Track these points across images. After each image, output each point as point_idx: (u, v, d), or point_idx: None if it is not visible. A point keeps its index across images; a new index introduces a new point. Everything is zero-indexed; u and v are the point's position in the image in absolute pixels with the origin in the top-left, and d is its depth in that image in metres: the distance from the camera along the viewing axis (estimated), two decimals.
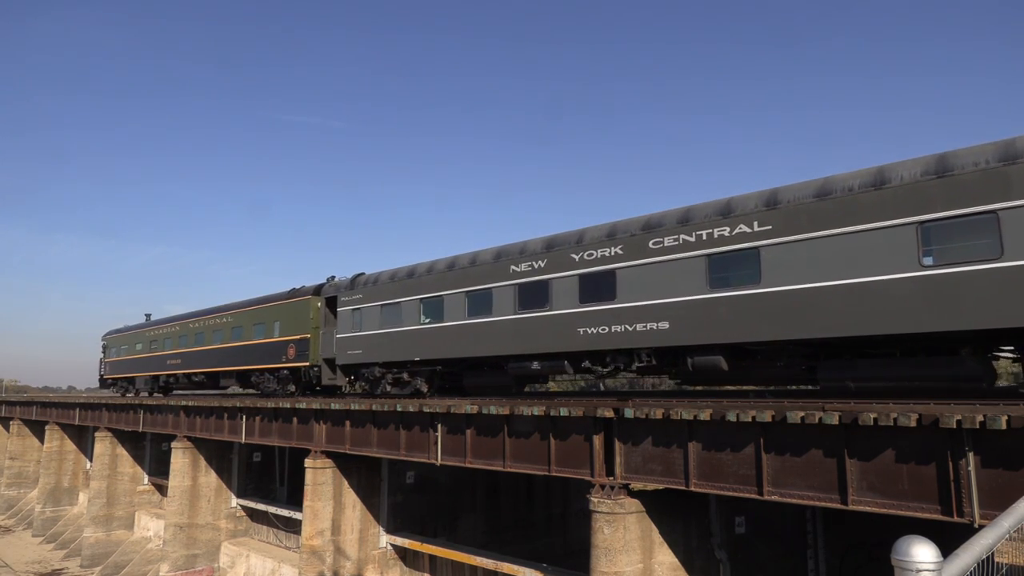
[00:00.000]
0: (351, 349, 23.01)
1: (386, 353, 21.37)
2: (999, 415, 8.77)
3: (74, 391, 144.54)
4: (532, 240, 17.73)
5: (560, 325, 16.21)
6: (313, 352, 25.07)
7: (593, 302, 15.58)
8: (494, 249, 18.65)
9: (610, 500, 13.39)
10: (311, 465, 22.20)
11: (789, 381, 14.54)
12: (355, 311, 23.11)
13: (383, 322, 21.65)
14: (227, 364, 30.72)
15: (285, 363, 26.51)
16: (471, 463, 16.81)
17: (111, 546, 36.66)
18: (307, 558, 21.92)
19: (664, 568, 13.88)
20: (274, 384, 27.58)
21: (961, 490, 9.36)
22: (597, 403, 14.36)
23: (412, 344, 20.30)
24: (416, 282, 20.61)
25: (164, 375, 37.24)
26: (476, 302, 18.54)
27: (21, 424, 53.45)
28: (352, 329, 23.11)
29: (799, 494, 11.04)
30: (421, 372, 20.65)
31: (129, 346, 41.67)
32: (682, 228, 14.21)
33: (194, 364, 33.69)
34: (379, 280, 22.31)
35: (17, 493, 52.92)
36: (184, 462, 29.83)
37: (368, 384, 22.83)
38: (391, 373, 21.64)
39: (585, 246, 15.96)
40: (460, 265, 19.24)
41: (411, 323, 20.52)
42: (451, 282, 19.35)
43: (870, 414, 9.86)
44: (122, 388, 43.35)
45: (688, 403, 13.22)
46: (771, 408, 11.25)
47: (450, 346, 19.04)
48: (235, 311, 30.71)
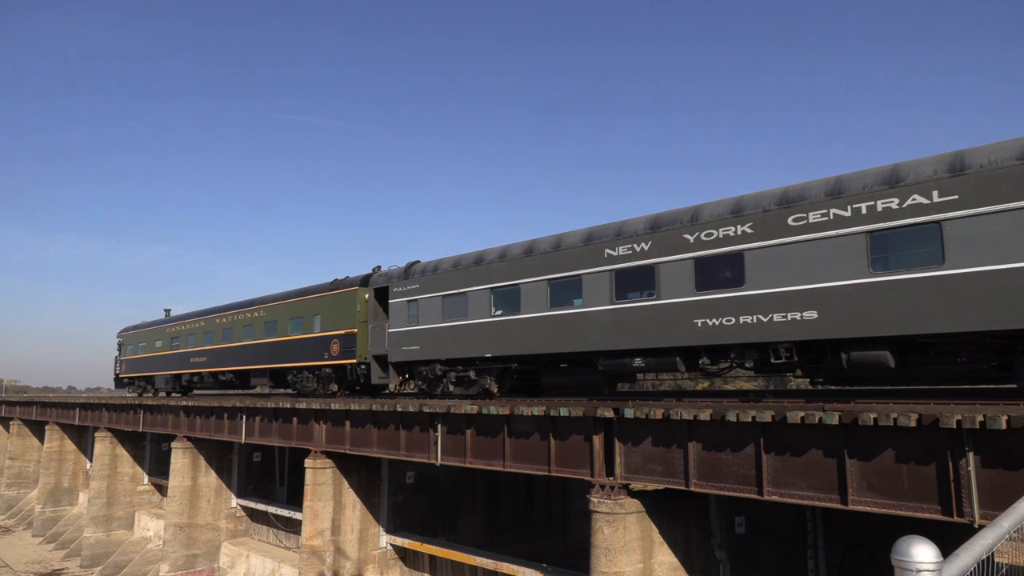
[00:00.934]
0: (406, 345, 20.87)
1: (449, 349, 19.32)
2: (999, 415, 8.77)
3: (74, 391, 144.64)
4: (631, 220, 15.64)
5: (670, 316, 14.24)
6: (360, 348, 22.82)
7: (714, 289, 13.59)
8: (582, 231, 16.63)
9: (610, 500, 13.39)
10: (311, 465, 22.20)
11: (973, 380, 12.64)
12: (410, 303, 20.93)
13: (445, 314, 19.59)
14: (259, 362, 28.47)
15: (327, 360, 24.24)
16: (471, 463, 16.80)
17: (111, 546, 36.65)
18: (307, 558, 21.91)
19: (664, 568, 13.87)
20: (313, 383, 25.51)
21: (961, 490, 9.35)
22: (597, 403, 14.36)
23: (481, 339, 18.27)
24: (485, 269, 18.45)
25: (187, 374, 34.86)
26: (561, 291, 16.57)
27: (21, 424, 53.44)
28: (407, 323, 20.96)
29: (799, 494, 11.03)
30: (490, 370, 18.57)
31: (147, 343, 39.26)
32: (833, 201, 12.18)
33: (221, 362, 31.38)
34: (439, 268, 20.15)
35: (17, 493, 52.91)
36: (184, 462, 29.82)
37: (426, 384, 20.68)
38: (454, 371, 19.51)
39: (702, 225, 13.89)
40: (540, 250, 17.20)
41: (480, 315, 18.46)
42: (529, 269, 17.31)
43: (870, 414, 9.86)
44: (139, 388, 41.05)
45: (688, 403, 13.22)
46: (771, 408, 11.25)
47: (528, 341, 17.06)
48: (268, 304, 28.44)
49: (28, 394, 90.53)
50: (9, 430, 54.33)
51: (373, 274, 23.76)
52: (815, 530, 16.88)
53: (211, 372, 32.49)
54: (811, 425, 10.62)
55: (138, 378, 40.99)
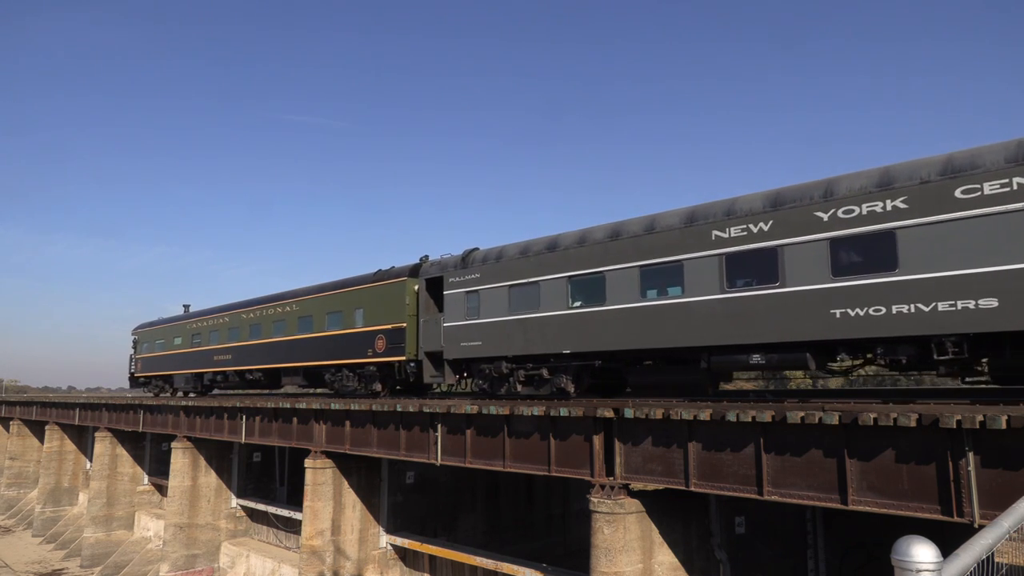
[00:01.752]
0: (465, 340, 19.06)
1: (517, 345, 17.49)
2: (999, 415, 8.78)
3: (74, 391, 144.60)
4: (743, 197, 13.87)
5: (800, 305, 12.50)
6: (410, 344, 21.00)
7: (856, 274, 11.90)
8: (680, 211, 14.83)
9: (610, 500, 13.39)
10: (311, 465, 22.20)
11: None
12: (469, 294, 19.07)
13: (512, 306, 17.74)
14: (292, 359, 26.63)
15: (371, 358, 22.34)
16: (471, 463, 16.80)
17: (111, 546, 36.65)
18: (307, 558, 21.91)
19: (664, 568, 13.87)
20: (354, 383, 23.72)
21: (961, 490, 9.35)
22: (597, 403, 14.36)
23: (557, 333, 16.53)
24: (561, 256, 16.67)
25: (211, 372, 32.89)
26: (656, 279, 14.79)
27: (21, 424, 53.44)
28: (466, 316, 19.09)
29: (799, 494, 11.03)
30: (567, 368, 16.81)
31: (166, 340, 37.18)
32: (1016, 168, 10.51)
33: (249, 360, 29.46)
34: (504, 256, 18.34)
35: (17, 493, 52.91)
36: (184, 462, 29.82)
37: (487, 383, 18.81)
38: (523, 369, 17.69)
39: (840, 201, 12.22)
40: (629, 233, 15.42)
41: (554, 307, 16.66)
42: (615, 255, 15.50)
43: (870, 414, 9.87)
44: (156, 387, 39.00)
45: (688, 403, 13.22)
46: (771, 408, 11.25)
47: (615, 335, 15.31)
48: (302, 298, 26.55)
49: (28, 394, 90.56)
50: (9, 430, 54.33)
51: (422, 264, 21.94)
52: (815, 530, 16.88)
53: (237, 371, 30.56)
54: (811, 425, 10.63)
55: (155, 377, 39.08)
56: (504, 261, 18.31)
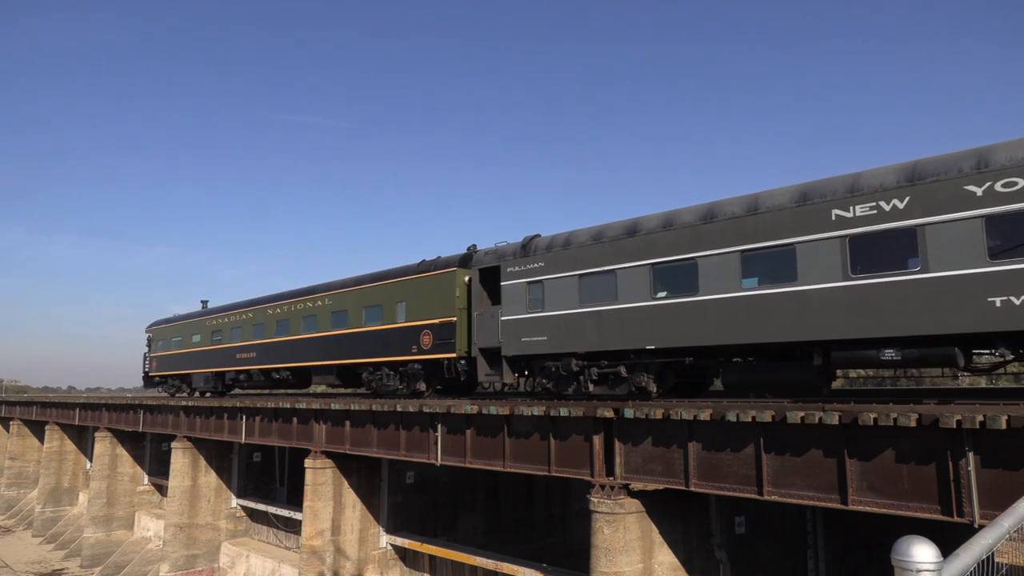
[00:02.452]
0: (527, 335, 17.50)
1: (590, 340, 15.99)
2: (999, 415, 8.78)
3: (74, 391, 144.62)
4: (870, 172, 12.39)
5: (946, 293, 11.11)
6: (460, 340, 19.38)
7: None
8: (791, 189, 13.24)
9: (610, 500, 13.39)
10: (311, 465, 22.21)
11: None
12: (532, 285, 17.54)
13: (583, 298, 16.23)
14: (323, 357, 24.96)
15: (416, 355, 20.71)
16: (471, 463, 16.81)
17: (111, 546, 36.66)
18: (307, 558, 21.92)
19: (664, 568, 13.88)
20: (395, 382, 21.97)
21: (961, 490, 9.35)
22: (597, 403, 14.38)
23: (638, 327, 15.00)
24: (643, 242, 15.13)
25: (232, 371, 31.18)
26: (761, 265, 13.31)
27: (21, 424, 53.46)
28: (528, 308, 17.54)
29: (799, 494, 11.03)
30: (648, 365, 15.26)
31: (183, 338, 35.50)
32: None
33: (275, 358, 27.72)
34: (572, 242, 16.83)
35: (17, 493, 52.93)
36: (184, 462, 29.84)
37: (552, 382, 17.24)
38: (596, 367, 16.14)
39: (997, 172, 10.76)
40: (726, 215, 13.86)
41: (635, 298, 15.10)
42: (709, 239, 14.00)
43: (870, 414, 9.87)
44: (172, 387, 37.30)
45: (688, 403, 13.24)
46: (771, 408, 11.26)
47: (709, 329, 13.78)
48: (336, 292, 24.91)
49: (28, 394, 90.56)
50: (9, 430, 54.35)
51: (473, 253, 20.34)
52: (815, 530, 16.88)
53: (262, 369, 28.82)
54: (811, 425, 10.63)
55: (171, 376, 37.29)
56: (573, 248, 16.73)
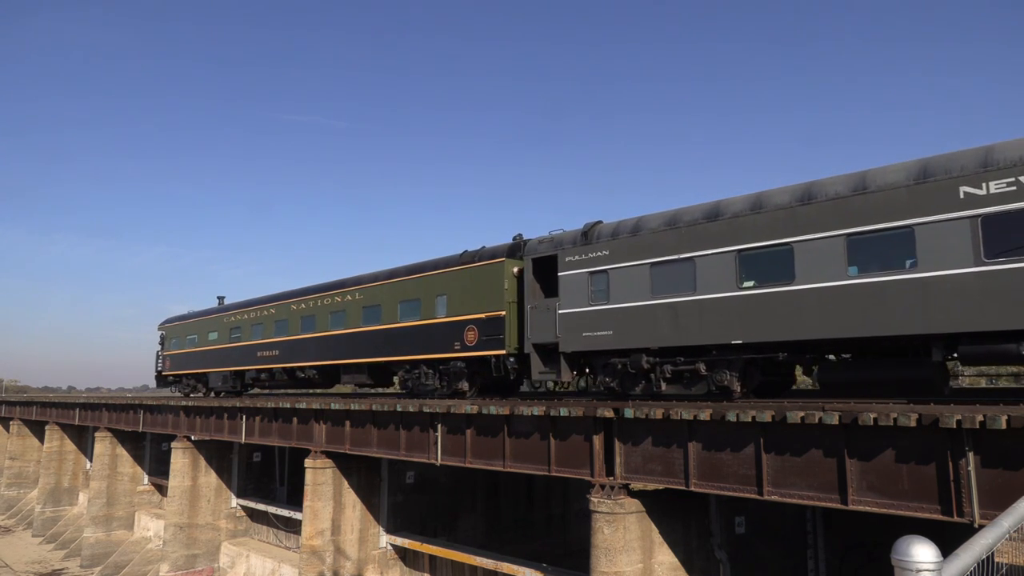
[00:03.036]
0: (589, 329, 16.19)
1: (664, 334, 14.73)
2: (999, 415, 8.78)
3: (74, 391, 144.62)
4: (1005, 144, 11.02)
5: None
6: (510, 336, 18.06)
7: None
8: (907, 165, 11.97)
9: (610, 500, 13.40)
10: (311, 465, 22.21)
11: None
12: (595, 275, 16.24)
13: (656, 288, 14.96)
14: (354, 355, 23.51)
15: (459, 352, 19.37)
16: (471, 463, 16.81)
17: (111, 546, 36.66)
18: (307, 558, 21.92)
19: (664, 568, 13.88)
20: (434, 381, 20.65)
21: (961, 490, 9.35)
22: (597, 403, 14.37)
23: (722, 319, 13.74)
24: (727, 226, 13.86)
25: (253, 370, 29.75)
26: (871, 250, 12.02)
27: (21, 424, 53.45)
28: (590, 300, 16.22)
29: (799, 494, 11.03)
30: (731, 361, 13.98)
31: (198, 335, 34.13)
32: None
33: (300, 356, 26.38)
34: (642, 228, 15.52)
35: (17, 493, 52.92)
36: (184, 462, 29.84)
37: (617, 380, 15.90)
38: (670, 363, 14.83)
39: None
40: (827, 195, 12.56)
41: (718, 288, 13.89)
42: (809, 222, 12.70)
43: (870, 414, 9.87)
44: (187, 386, 35.99)
45: (688, 403, 13.23)
46: (771, 408, 11.25)
47: (809, 321, 12.49)
48: (368, 285, 23.51)
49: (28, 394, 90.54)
50: (9, 430, 54.34)
51: (523, 242, 19.03)
52: (815, 530, 16.88)
53: (285, 368, 27.53)
54: (811, 425, 10.63)
55: (186, 375, 35.95)
56: (643, 235, 15.45)
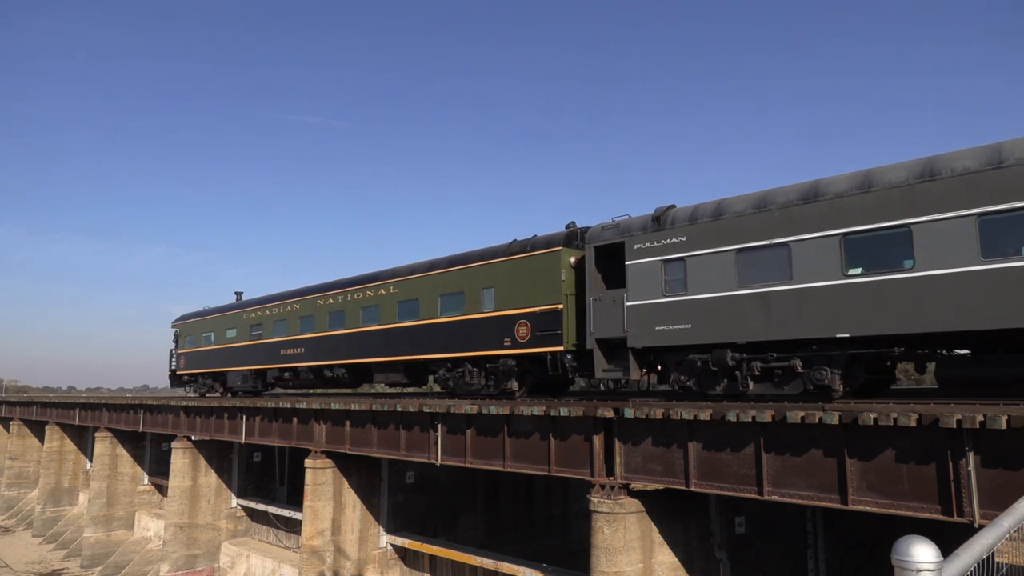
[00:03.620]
0: (664, 323, 14.90)
1: (753, 327, 13.43)
2: (999, 415, 8.78)
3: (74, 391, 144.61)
4: None
5: None
6: (568, 331, 16.82)
7: None
8: None
9: (610, 500, 13.40)
10: (311, 465, 22.22)
11: None
12: (671, 263, 14.93)
13: (744, 277, 13.65)
14: (388, 352, 22.10)
15: (509, 349, 18.03)
16: (471, 463, 16.81)
17: (111, 546, 36.66)
18: (307, 558, 21.92)
19: (664, 568, 13.88)
20: (479, 380, 19.27)
21: (961, 490, 9.35)
22: (597, 403, 14.37)
23: (825, 311, 12.43)
24: (830, 207, 12.55)
25: (276, 369, 28.34)
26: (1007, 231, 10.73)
27: (21, 424, 53.45)
28: (664, 291, 14.88)
29: (799, 494, 11.04)
30: (832, 358, 12.62)
31: (216, 333, 32.76)
32: None
33: (329, 353, 24.99)
34: (724, 211, 14.22)
35: (17, 493, 52.92)
36: (184, 462, 29.84)
37: (693, 378, 14.54)
38: (759, 360, 13.49)
39: None
40: (953, 170, 11.32)
41: (818, 276, 12.53)
42: (931, 201, 11.45)
43: (870, 414, 9.87)
44: (204, 386, 34.65)
45: (688, 403, 13.23)
46: (771, 408, 11.26)
47: (934, 312, 11.20)
48: (404, 279, 21.98)
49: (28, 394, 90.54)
50: (9, 430, 54.34)
51: (576, 230, 17.87)
52: (815, 530, 16.89)
53: (311, 366, 26.19)
54: (811, 425, 10.63)
55: (202, 375, 34.60)
56: (727, 219, 14.17)
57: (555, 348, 16.95)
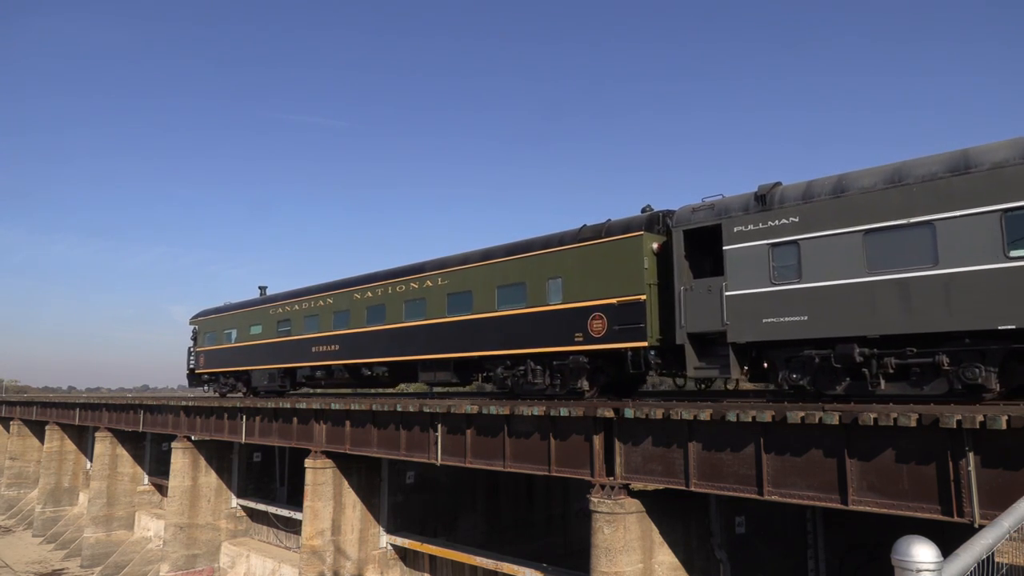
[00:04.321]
0: (772, 314, 13.18)
1: (887, 319, 11.72)
2: (999, 415, 8.79)
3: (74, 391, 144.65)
4: None
5: None
6: (652, 325, 15.20)
7: None
8: None
9: (610, 500, 13.40)
10: (311, 465, 22.22)
11: None
12: (780, 247, 13.21)
13: (874, 261, 12.01)
14: (438, 349, 20.31)
15: (582, 345, 16.41)
16: (471, 463, 16.81)
17: (111, 546, 36.65)
18: (307, 558, 21.92)
19: (664, 568, 13.88)
20: (544, 379, 17.58)
21: (961, 490, 9.36)
22: (597, 403, 14.38)
23: (983, 299, 10.80)
24: (984, 181, 10.96)
25: (307, 367, 26.55)
26: None
27: (21, 424, 53.46)
28: (773, 279, 13.17)
29: (799, 494, 11.04)
30: (985, 353, 11.03)
31: (239, 329, 30.82)
32: None
33: (367, 350, 23.08)
34: (847, 188, 12.56)
35: (17, 493, 52.92)
36: (184, 462, 29.84)
37: (807, 377, 12.86)
38: (895, 356, 11.80)
39: None
40: None
41: (972, 259, 10.95)
42: None
43: (870, 414, 9.88)
44: (225, 386, 32.64)
45: (688, 403, 13.23)
46: (771, 408, 11.26)
47: None
48: (455, 269, 20.18)
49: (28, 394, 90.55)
50: (9, 430, 54.35)
51: (655, 214, 16.23)
52: (815, 530, 16.89)
53: (346, 364, 24.44)
54: (811, 425, 10.63)
55: (223, 373, 32.57)
56: (851, 196, 12.54)
57: (638, 343, 15.30)
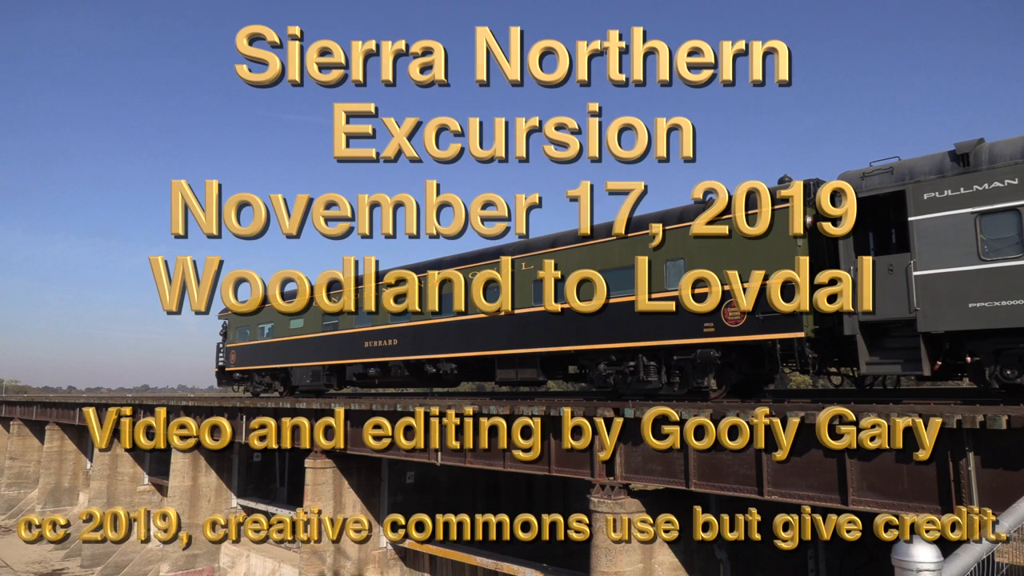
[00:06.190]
0: (980, 298, 10.74)
1: None
2: (999, 415, 8.78)
3: (74, 391, 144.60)
4: None
5: None
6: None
7: None
8: None
9: (610, 500, 13.41)
10: (311, 465, 22.22)
11: None
12: (991, 216, 10.75)
13: None
14: (522, 344, 18.08)
15: (713, 337, 14.13)
16: (471, 463, 16.81)
17: (111, 546, 36.59)
18: (307, 558, 21.92)
19: (664, 568, 13.89)
20: (659, 377, 15.45)
21: (961, 490, 9.36)
22: (597, 403, 14.38)
23: None
24: None
25: (359, 364, 23.84)
26: None
27: (21, 424, 53.45)
28: (982, 255, 10.78)
29: (799, 494, 11.04)
30: None
31: (277, 324, 27.90)
32: None
33: (433, 346, 20.54)
34: None
35: (17, 493, 52.91)
36: (184, 462, 29.81)
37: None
38: None
39: None
40: None
41: None
42: None
43: (870, 414, 9.86)
44: (260, 384, 29.61)
45: (688, 403, 13.24)
46: (771, 408, 11.25)
47: None
48: (542, 251, 17.68)
49: (28, 394, 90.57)
50: (9, 430, 54.33)
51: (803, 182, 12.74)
52: None
53: (407, 361, 21.79)
54: (811, 425, 10.62)
55: (258, 371, 29.56)
56: None
57: (792, 334, 12.97)
